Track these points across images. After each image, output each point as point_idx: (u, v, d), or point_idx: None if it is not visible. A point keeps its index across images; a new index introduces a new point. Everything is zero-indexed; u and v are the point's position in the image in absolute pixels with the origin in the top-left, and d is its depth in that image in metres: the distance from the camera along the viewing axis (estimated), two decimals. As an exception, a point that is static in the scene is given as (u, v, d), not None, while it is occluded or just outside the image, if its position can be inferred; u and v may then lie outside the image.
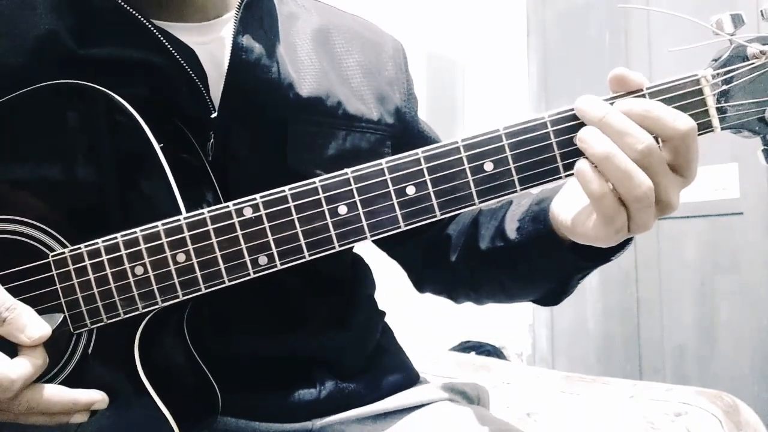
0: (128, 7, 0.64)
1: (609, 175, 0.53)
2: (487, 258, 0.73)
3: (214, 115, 0.66)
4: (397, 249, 0.86)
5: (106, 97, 0.59)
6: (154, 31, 0.65)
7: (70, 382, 0.57)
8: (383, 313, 0.83)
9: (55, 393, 0.55)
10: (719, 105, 0.56)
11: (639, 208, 0.54)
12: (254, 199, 0.57)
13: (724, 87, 0.56)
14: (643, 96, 0.56)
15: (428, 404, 0.75)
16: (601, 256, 0.64)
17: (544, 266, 0.69)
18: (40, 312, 0.57)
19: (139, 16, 0.64)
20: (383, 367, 0.76)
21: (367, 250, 0.85)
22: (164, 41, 0.64)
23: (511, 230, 0.70)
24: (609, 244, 0.58)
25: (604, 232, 0.56)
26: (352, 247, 0.58)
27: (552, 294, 0.72)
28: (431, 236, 0.81)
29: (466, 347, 2.52)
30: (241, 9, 0.68)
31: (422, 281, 0.87)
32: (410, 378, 0.79)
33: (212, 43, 0.69)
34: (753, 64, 0.55)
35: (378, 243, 0.84)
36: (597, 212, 0.55)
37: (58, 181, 0.60)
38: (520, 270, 0.72)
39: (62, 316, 0.58)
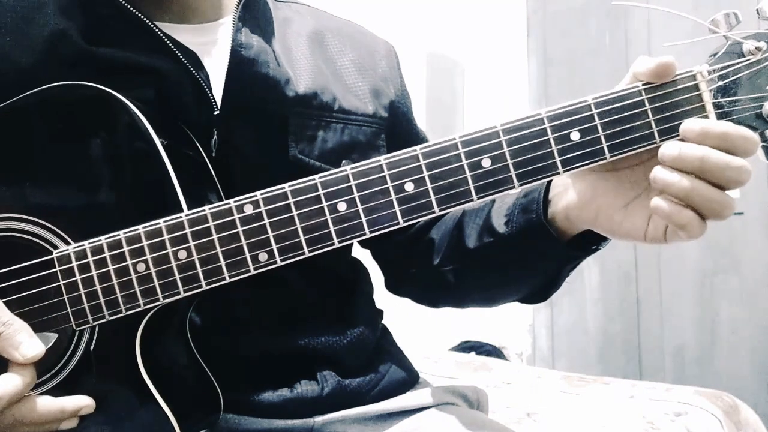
0: (134, 10, 0.66)
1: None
2: (476, 256, 0.73)
3: (216, 112, 0.67)
4: (377, 247, 0.86)
5: (109, 96, 0.59)
6: (160, 34, 0.66)
7: (72, 380, 0.57)
8: (382, 312, 0.83)
9: (42, 404, 0.55)
10: (716, 101, 0.56)
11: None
12: (254, 196, 0.57)
13: (721, 83, 0.56)
14: (639, 93, 0.56)
15: (429, 407, 0.76)
16: (589, 246, 0.66)
17: (535, 258, 0.69)
18: (43, 309, 0.57)
19: (145, 19, 0.66)
20: (384, 367, 0.77)
21: (365, 252, 0.85)
22: (170, 45, 0.66)
23: (499, 225, 0.70)
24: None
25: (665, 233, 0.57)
26: (352, 244, 0.58)
27: (540, 289, 0.73)
28: (411, 239, 0.81)
29: (466, 347, 2.52)
30: (240, 8, 0.71)
31: (401, 283, 0.86)
32: (411, 378, 0.80)
33: (211, 44, 0.71)
34: (748, 60, 0.55)
35: (362, 241, 0.83)
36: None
37: (61, 180, 0.60)
38: (510, 264, 0.72)
39: (56, 336, 0.57)
